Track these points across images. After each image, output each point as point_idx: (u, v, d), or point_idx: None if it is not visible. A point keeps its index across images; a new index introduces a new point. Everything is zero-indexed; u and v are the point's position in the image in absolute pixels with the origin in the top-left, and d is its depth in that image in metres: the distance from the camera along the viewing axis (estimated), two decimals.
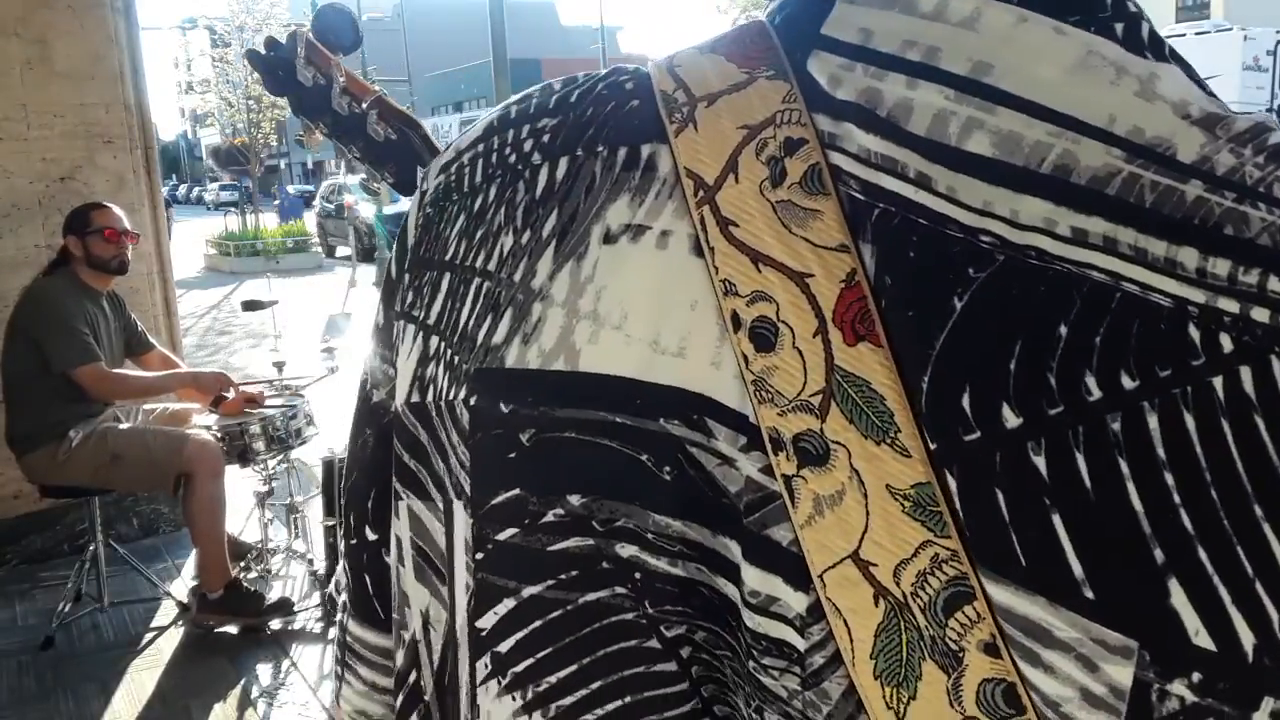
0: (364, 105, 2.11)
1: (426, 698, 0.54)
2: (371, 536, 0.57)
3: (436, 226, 0.52)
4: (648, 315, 0.44)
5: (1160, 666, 0.38)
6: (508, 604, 0.47)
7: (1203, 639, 0.37)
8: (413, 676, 0.54)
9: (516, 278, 0.47)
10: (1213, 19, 24.26)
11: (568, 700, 0.47)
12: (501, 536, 0.47)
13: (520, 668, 0.48)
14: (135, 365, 3.90)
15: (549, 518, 0.46)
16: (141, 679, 3.43)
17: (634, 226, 0.45)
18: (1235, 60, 17.62)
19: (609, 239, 0.45)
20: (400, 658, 0.55)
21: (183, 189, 56.57)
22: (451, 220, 0.51)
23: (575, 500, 0.46)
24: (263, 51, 2.18)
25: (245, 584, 3.73)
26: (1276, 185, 0.39)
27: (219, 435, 3.71)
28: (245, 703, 3.26)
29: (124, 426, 3.72)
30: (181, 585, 4.08)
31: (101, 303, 3.76)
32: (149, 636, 3.73)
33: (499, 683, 0.48)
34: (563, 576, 0.46)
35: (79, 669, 3.50)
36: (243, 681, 3.37)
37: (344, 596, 0.62)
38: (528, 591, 0.47)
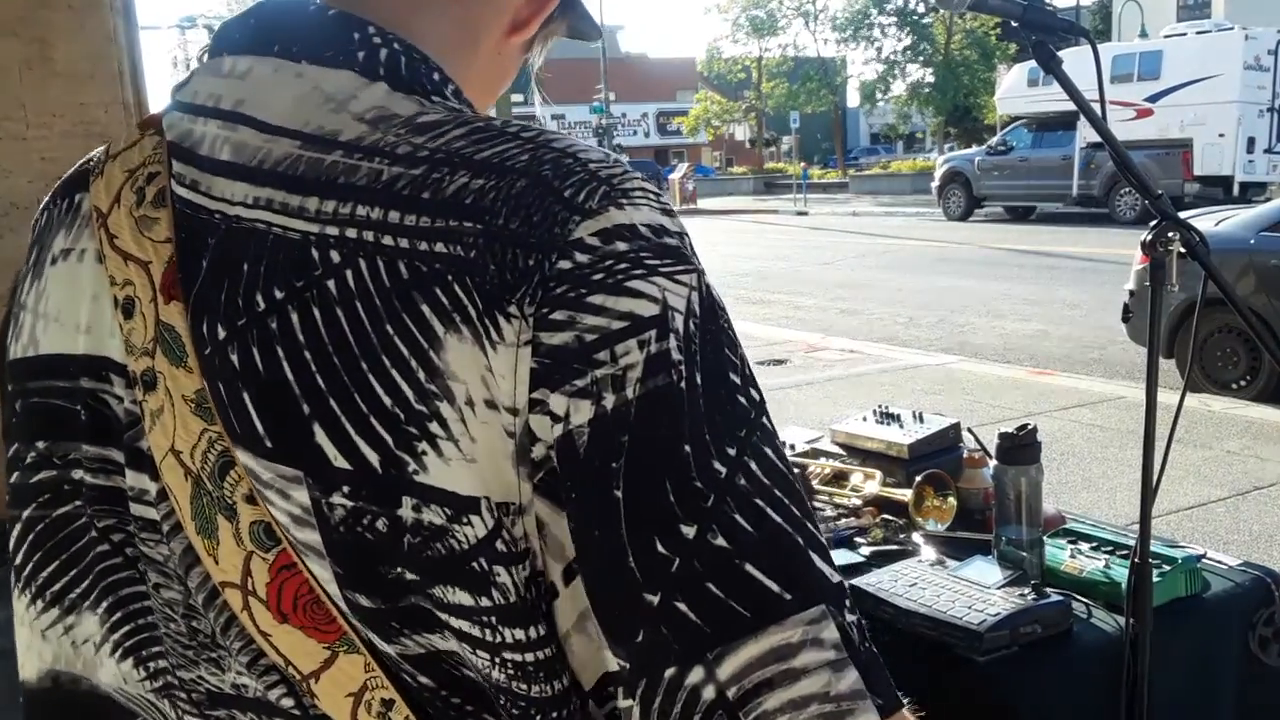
0: None
1: None
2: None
3: None
4: (72, 308, 0.64)
5: (321, 486, 0.54)
6: (17, 529, 0.67)
7: (341, 462, 0.53)
8: None
9: (20, 298, 0.69)
10: (1214, 19, 24.23)
11: (57, 586, 0.66)
12: (12, 480, 0.67)
13: (26, 570, 0.68)
14: None
15: (29, 459, 0.66)
16: None
17: (66, 250, 0.66)
18: (1236, 60, 17.60)
19: (53, 261, 0.67)
20: None
21: None
22: None
23: (42, 445, 0.66)
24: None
25: None
26: (401, 146, 0.55)
27: None
28: None
29: None
30: None
31: None
32: None
33: (18, 587, 0.68)
34: (41, 499, 0.66)
35: None
36: None
37: None
38: (24, 514, 0.67)
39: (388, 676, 0.56)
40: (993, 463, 1.75)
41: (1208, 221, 6.57)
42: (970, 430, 2.14)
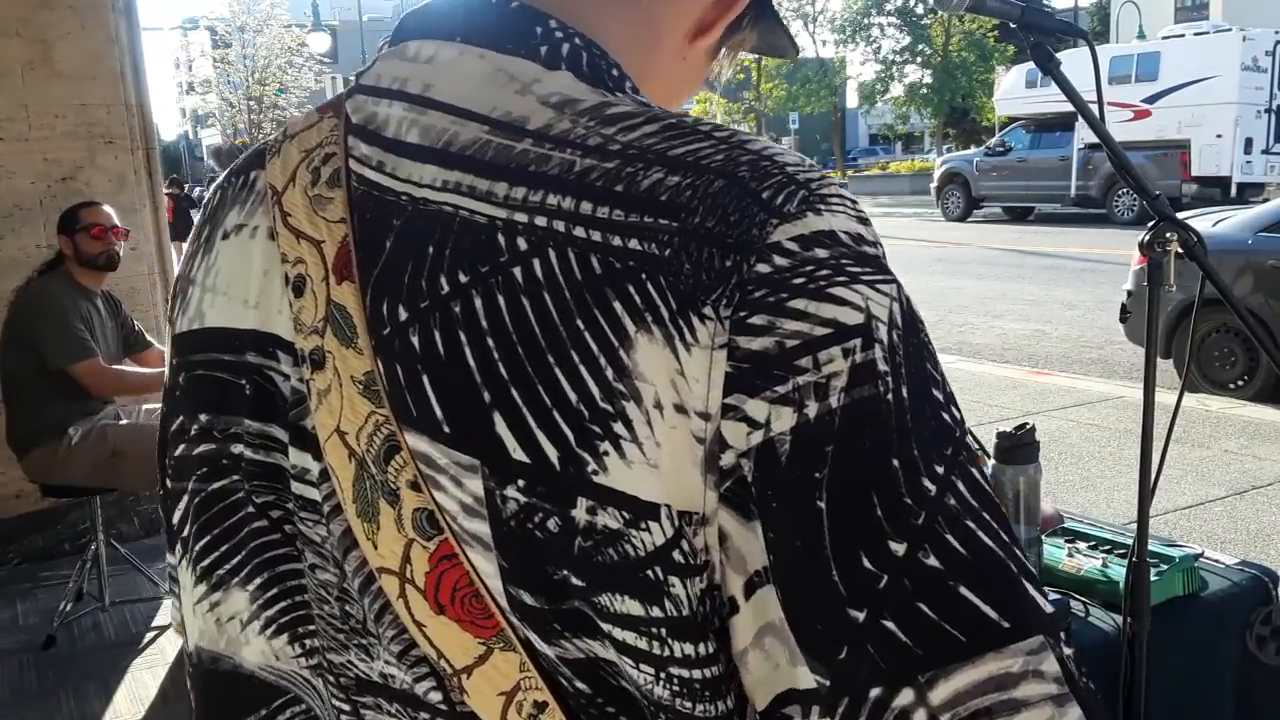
0: None
1: None
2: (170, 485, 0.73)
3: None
4: (241, 282, 0.64)
5: (497, 477, 0.52)
6: (181, 501, 0.67)
7: (520, 454, 0.51)
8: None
9: (188, 274, 0.68)
10: (1211, 19, 24.23)
11: (207, 561, 0.65)
12: (176, 453, 0.67)
13: (188, 545, 0.67)
14: (135, 364, 3.91)
15: (193, 432, 0.65)
16: (143, 678, 3.44)
17: (239, 225, 0.66)
18: (1234, 60, 17.60)
19: (225, 236, 0.66)
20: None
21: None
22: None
23: (204, 418, 0.65)
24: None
25: None
26: (592, 138, 0.54)
27: None
28: None
29: (124, 423, 3.73)
30: None
31: (96, 302, 3.77)
32: (150, 636, 3.74)
33: (180, 557, 0.69)
34: (201, 471, 0.65)
35: (80, 668, 3.51)
36: None
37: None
38: (186, 485, 0.66)
39: (543, 678, 0.54)
40: (991, 462, 1.76)
41: (1205, 222, 6.58)
42: (969, 430, 2.14)
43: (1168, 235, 1.46)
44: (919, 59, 37.71)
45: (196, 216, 0.71)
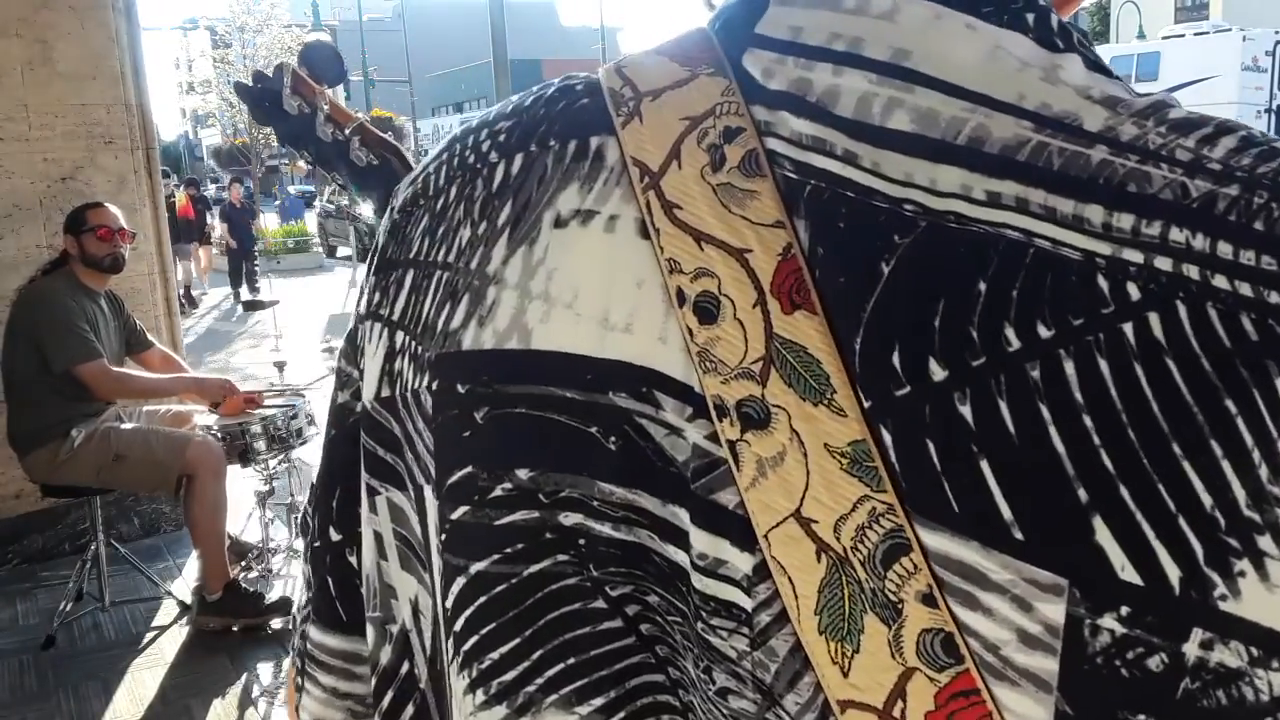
0: (347, 131, 2.22)
1: (422, 685, 0.55)
2: (335, 538, 0.58)
3: (403, 230, 0.55)
4: (597, 294, 0.46)
5: (1091, 602, 0.39)
6: (459, 582, 0.49)
7: (1129, 573, 0.39)
8: (404, 668, 0.56)
9: (473, 265, 0.50)
10: (1211, 20, 24.25)
11: (509, 675, 0.48)
12: (455, 515, 0.49)
13: (468, 645, 0.49)
14: (136, 363, 3.91)
15: (497, 492, 0.48)
16: (143, 678, 3.44)
17: (583, 211, 0.47)
18: (1234, 61, 17.62)
19: (559, 224, 0.48)
20: (386, 654, 0.56)
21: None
22: (416, 222, 0.54)
23: (523, 474, 0.47)
24: (250, 84, 2.31)
25: (244, 584, 3.74)
26: (1178, 151, 0.41)
27: (220, 435, 3.73)
28: (246, 701, 3.26)
29: (126, 426, 3.73)
30: (183, 585, 4.09)
31: (100, 302, 3.77)
32: (150, 636, 3.74)
33: (457, 662, 0.50)
34: (508, 550, 0.48)
35: (80, 668, 3.52)
36: (243, 680, 3.38)
37: (303, 603, 0.62)
38: (474, 568, 0.48)
39: None
40: None
41: None
42: None
43: None
44: None
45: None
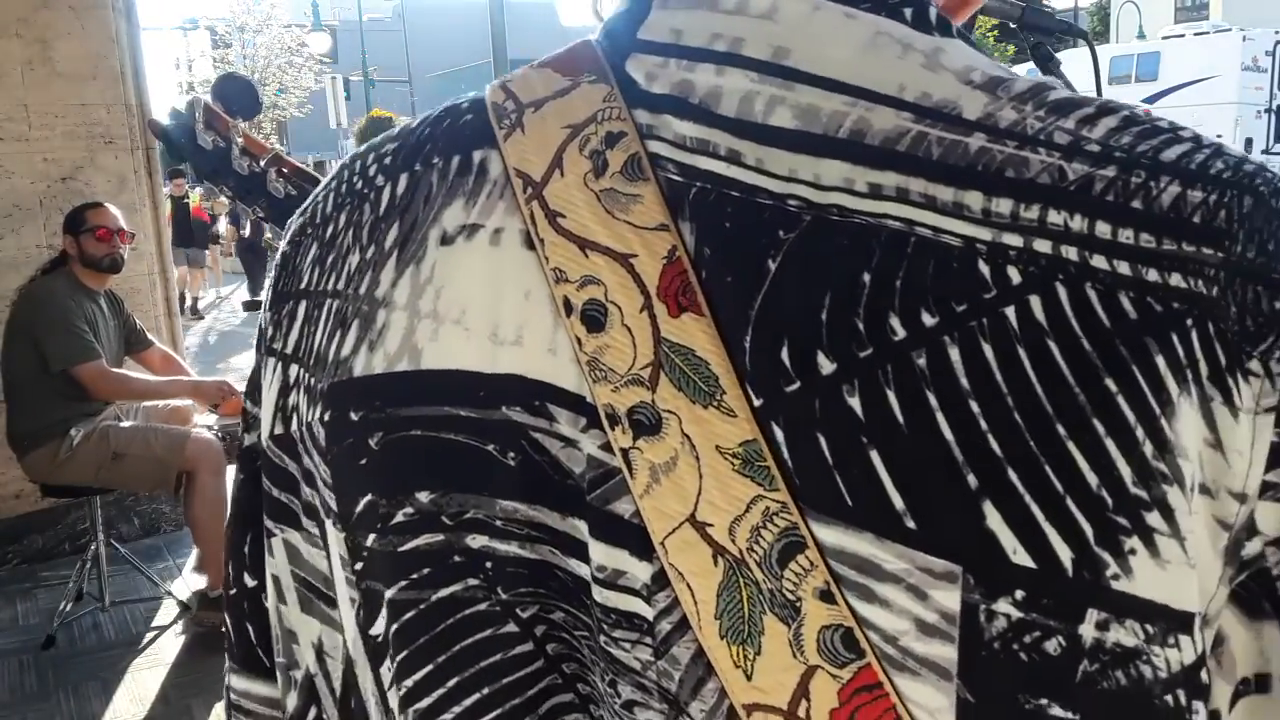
0: (262, 163, 2.24)
1: None
2: (250, 583, 0.58)
3: (293, 261, 0.54)
4: (485, 309, 0.46)
5: (985, 588, 0.39)
6: (383, 610, 0.49)
7: (1021, 557, 0.39)
8: (312, 713, 0.55)
9: (363, 290, 0.49)
10: (1211, 20, 24.26)
11: (424, 703, 0.48)
12: (368, 543, 0.48)
13: (393, 670, 0.49)
14: (136, 362, 3.91)
15: (399, 518, 0.47)
16: (143, 678, 3.44)
17: (468, 226, 0.47)
18: (1234, 61, 17.62)
19: (445, 240, 0.47)
20: (292, 700, 0.55)
21: None
22: (305, 252, 0.53)
23: (424, 497, 0.46)
24: (165, 122, 2.35)
25: None
26: (1056, 134, 0.42)
27: (220, 434, 3.73)
28: None
29: (125, 425, 3.73)
30: (183, 585, 4.09)
31: (99, 301, 3.77)
32: (150, 636, 3.74)
33: (375, 699, 0.50)
34: (414, 576, 0.47)
35: (80, 668, 3.52)
36: None
37: (227, 652, 0.61)
38: (387, 595, 0.48)
39: None
40: None
41: None
42: None
43: None
44: None
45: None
